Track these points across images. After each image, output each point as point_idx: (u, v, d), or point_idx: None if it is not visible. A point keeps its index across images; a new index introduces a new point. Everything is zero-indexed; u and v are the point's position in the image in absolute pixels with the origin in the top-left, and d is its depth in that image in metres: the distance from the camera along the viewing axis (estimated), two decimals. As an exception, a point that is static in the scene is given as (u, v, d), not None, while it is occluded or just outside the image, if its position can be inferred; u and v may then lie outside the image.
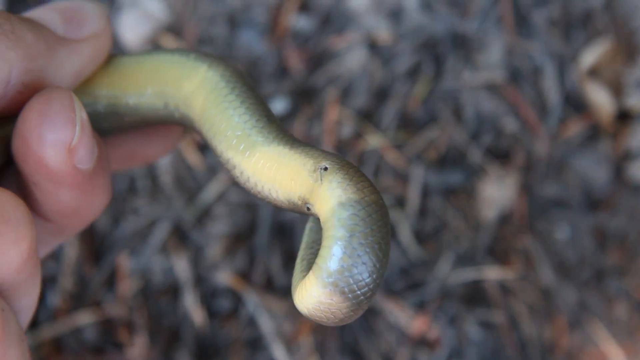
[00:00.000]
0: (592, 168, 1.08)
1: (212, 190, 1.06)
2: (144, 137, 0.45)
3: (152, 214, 1.06)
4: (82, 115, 0.36)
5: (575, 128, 1.08)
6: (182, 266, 1.05)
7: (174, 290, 1.06)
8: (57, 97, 0.36)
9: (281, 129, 0.38)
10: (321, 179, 0.34)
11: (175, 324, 1.05)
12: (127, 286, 1.05)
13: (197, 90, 0.39)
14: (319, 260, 0.33)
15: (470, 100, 1.07)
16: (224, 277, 1.04)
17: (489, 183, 1.06)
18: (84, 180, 0.37)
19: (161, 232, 1.05)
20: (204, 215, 1.06)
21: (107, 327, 1.05)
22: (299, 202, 0.35)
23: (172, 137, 0.46)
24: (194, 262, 1.06)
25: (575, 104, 1.09)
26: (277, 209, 1.06)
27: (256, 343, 1.05)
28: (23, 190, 0.39)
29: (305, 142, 0.38)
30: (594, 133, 1.09)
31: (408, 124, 1.07)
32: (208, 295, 1.06)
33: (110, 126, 0.41)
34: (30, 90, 0.37)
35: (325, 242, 0.33)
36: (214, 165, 1.08)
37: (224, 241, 1.05)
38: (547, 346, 1.05)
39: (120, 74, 0.40)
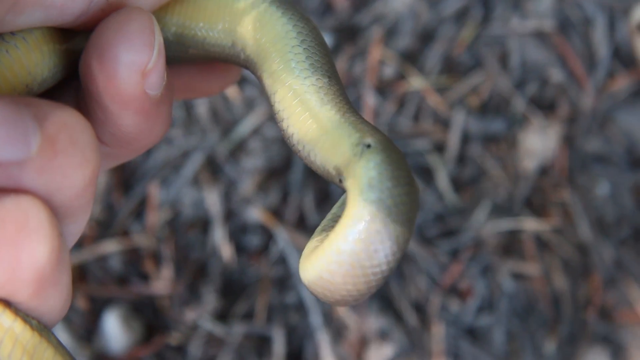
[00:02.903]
0: (637, 125, 1.05)
1: (248, 124, 1.04)
2: (204, 71, 0.44)
3: (186, 145, 1.04)
4: (160, 39, 0.35)
5: (622, 83, 1.06)
6: (213, 199, 1.03)
7: (203, 223, 1.04)
8: (138, 18, 0.35)
9: (339, 94, 0.37)
10: (361, 155, 0.33)
11: (203, 258, 1.03)
12: (156, 217, 1.03)
13: (266, 35, 0.38)
14: (331, 235, 0.32)
15: (517, 47, 1.05)
16: (255, 212, 1.02)
17: (531, 133, 1.04)
18: (150, 106, 0.36)
19: (194, 164, 1.03)
20: (238, 149, 1.04)
21: (133, 257, 1.03)
22: (333, 172, 0.34)
23: (231, 74, 0.45)
24: (226, 196, 1.04)
25: (624, 58, 1.06)
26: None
27: (284, 282, 1.03)
28: (83, 110, 0.37)
29: (358, 114, 0.36)
30: (641, 89, 1.06)
31: (452, 68, 1.05)
32: (238, 231, 1.04)
33: (172, 56, 0.40)
34: (111, 9, 0.36)
35: (343, 219, 0.32)
36: (252, 98, 1.06)
37: (258, 176, 1.03)
38: (580, 302, 1.03)
39: (193, 4, 0.40)
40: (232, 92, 1.05)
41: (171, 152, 1.04)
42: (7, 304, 0.30)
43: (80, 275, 1.03)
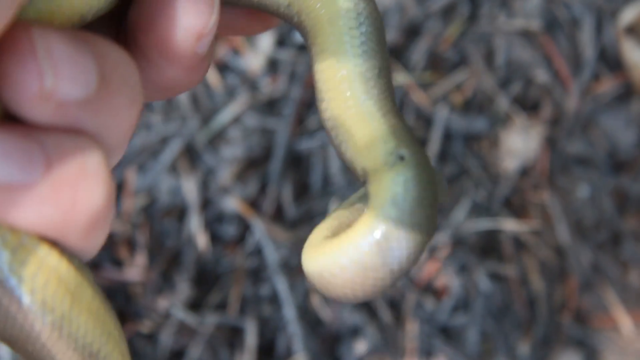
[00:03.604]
0: (620, 128, 1.05)
1: (228, 112, 1.03)
2: (247, 12, 0.42)
3: (165, 131, 1.03)
4: (218, 1, 0.34)
5: (607, 86, 1.05)
6: (190, 187, 1.02)
7: (179, 211, 1.03)
8: None
9: (386, 88, 0.35)
10: (392, 166, 0.32)
11: (177, 246, 1.02)
12: (132, 203, 1.02)
13: (325, 7, 0.36)
14: (343, 236, 0.32)
15: (503, 46, 1.04)
16: (233, 202, 1.01)
17: (513, 133, 1.03)
18: (196, 62, 0.36)
19: (172, 151, 1.02)
20: (218, 137, 1.03)
21: (107, 242, 1.02)
22: (360, 172, 0.34)
23: (275, 19, 0.43)
24: (203, 185, 1.02)
25: (610, 61, 1.06)
26: (294, 137, 1.03)
27: (258, 274, 1.02)
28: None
29: (400, 115, 0.35)
30: (626, 93, 1.06)
31: (436, 65, 1.04)
32: (214, 220, 1.02)
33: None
34: None
35: (358, 225, 0.32)
36: (233, 86, 1.05)
37: (236, 165, 1.02)
38: (556, 305, 1.03)
39: None
40: (213, 79, 1.04)
41: (149, 137, 1.02)
42: (54, 244, 0.30)
43: (53, 259, 1.02)
